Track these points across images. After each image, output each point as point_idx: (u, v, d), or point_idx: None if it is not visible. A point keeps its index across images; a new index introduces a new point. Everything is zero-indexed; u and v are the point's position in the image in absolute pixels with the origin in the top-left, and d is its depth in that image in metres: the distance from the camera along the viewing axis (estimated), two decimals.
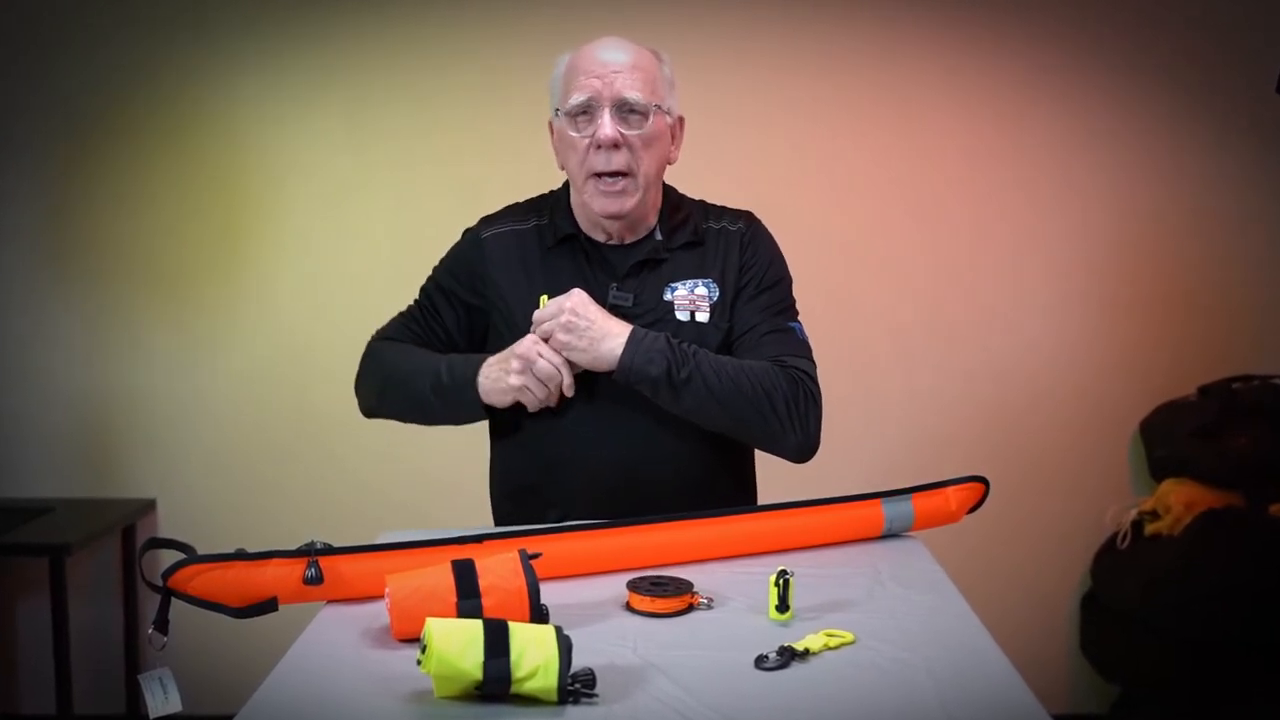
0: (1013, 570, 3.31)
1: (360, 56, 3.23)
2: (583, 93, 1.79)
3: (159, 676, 1.39)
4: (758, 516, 1.72)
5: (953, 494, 1.80)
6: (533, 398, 1.76)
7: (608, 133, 1.77)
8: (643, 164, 1.81)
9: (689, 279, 1.87)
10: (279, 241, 3.27)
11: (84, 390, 3.30)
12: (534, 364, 1.74)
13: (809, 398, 1.80)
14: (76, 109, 3.23)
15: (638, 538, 1.64)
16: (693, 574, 1.57)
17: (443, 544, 1.53)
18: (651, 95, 1.80)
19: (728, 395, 1.74)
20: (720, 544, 1.68)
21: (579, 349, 1.74)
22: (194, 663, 2.57)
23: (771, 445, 1.83)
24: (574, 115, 1.80)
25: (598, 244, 1.88)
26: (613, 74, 1.79)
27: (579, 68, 1.81)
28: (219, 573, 1.41)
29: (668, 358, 1.73)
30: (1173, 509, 3.05)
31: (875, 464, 3.25)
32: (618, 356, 1.73)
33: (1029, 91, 3.26)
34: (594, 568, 1.61)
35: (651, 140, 1.81)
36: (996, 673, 1.29)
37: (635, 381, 1.74)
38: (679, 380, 1.73)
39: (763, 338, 1.85)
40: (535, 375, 1.74)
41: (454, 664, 1.18)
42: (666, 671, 1.27)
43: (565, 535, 1.62)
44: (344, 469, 3.27)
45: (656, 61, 1.85)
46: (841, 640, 1.35)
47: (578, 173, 1.83)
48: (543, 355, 1.74)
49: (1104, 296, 3.32)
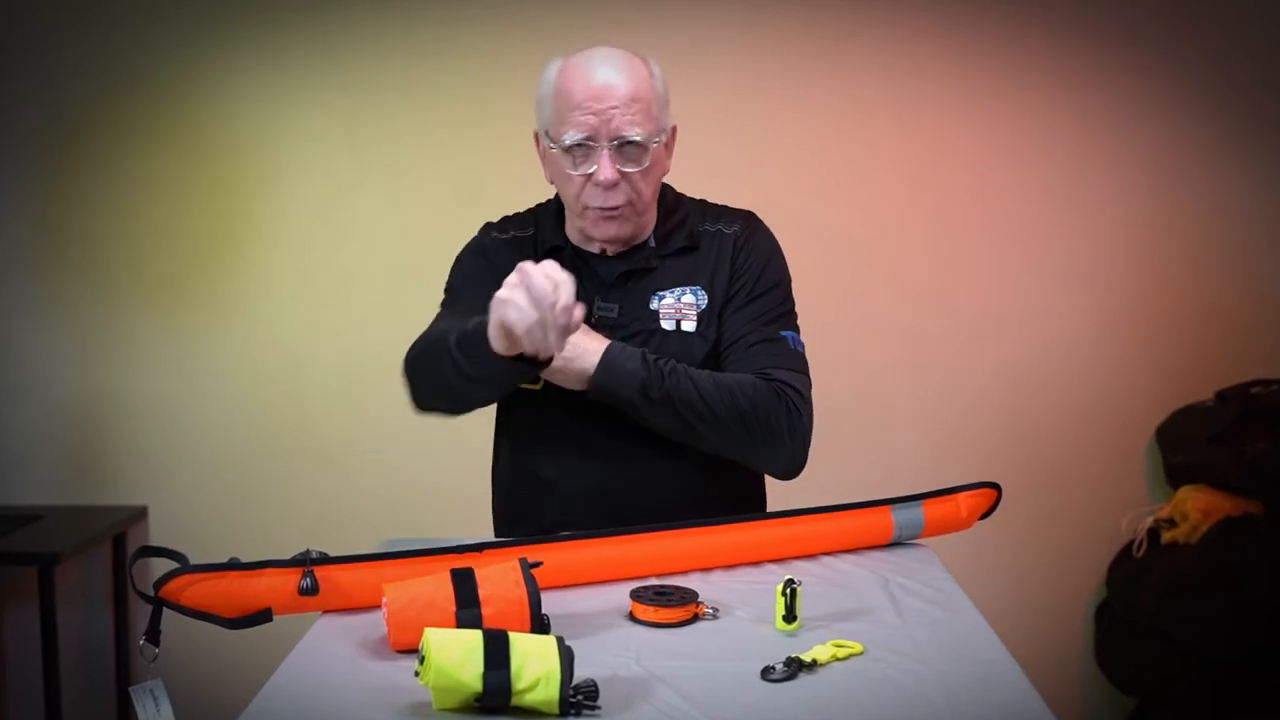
0: (1025, 579, 3.31)
1: (358, 54, 3.23)
2: (579, 130, 1.73)
3: (151, 689, 1.39)
4: (764, 524, 1.72)
5: (964, 500, 1.80)
6: (517, 315, 1.49)
7: (608, 175, 1.74)
8: (642, 194, 1.79)
9: (676, 287, 1.85)
10: (274, 242, 3.27)
11: (73, 394, 3.30)
12: (530, 277, 1.49)
13: (793, 413, 1.76)
14: (65, 106, 3.23)
15: (641, 546, 1.64)
16: (697, 583, 1.58)
17: (442, 553, 1.53)
18: (651, 128, 1.76)
19: (705, 415, 1.72)
20: (726, 552, 1.68)
21: (555, 369, 1.68)
22: (187, 675, 2.59)
23: (754, 463, 1.82)
24: (569, 150, 1.76)
25: (586, 255, 1.87)
26: (610, 109, 1.73)
27: (572, 98, 1.74)
28: (212, 582, 1.41)
29: (641, 377, 1.70)
30: (1190, 516, 3.05)
31: (885, 470, 3.25)
32: (589, 376, 1.71)
33: (1044, 90, 3.26)
34: (596, 577, 1.61)
35: (649, 170, 1.79)
36: (1009, 684, 1.29)
37: (609, 401, 1.72)
38: (655, 399, 1.70)
39: (751, 348, 1.81)
40: (529, 291, 1.49)
41: (453, 675, 1.18)
42: (671, 683, 1.27)
43: (567, 544, 1.62)
44: (341, 476, 3.27)
45: (650, 79, 1.79)
46: (850, 651, 1.35)
47: (573, 203, 1.81)
48: (546, 274, 1.50)
49: (1119, 299, 3.32)
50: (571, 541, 1.63)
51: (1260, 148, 3.27)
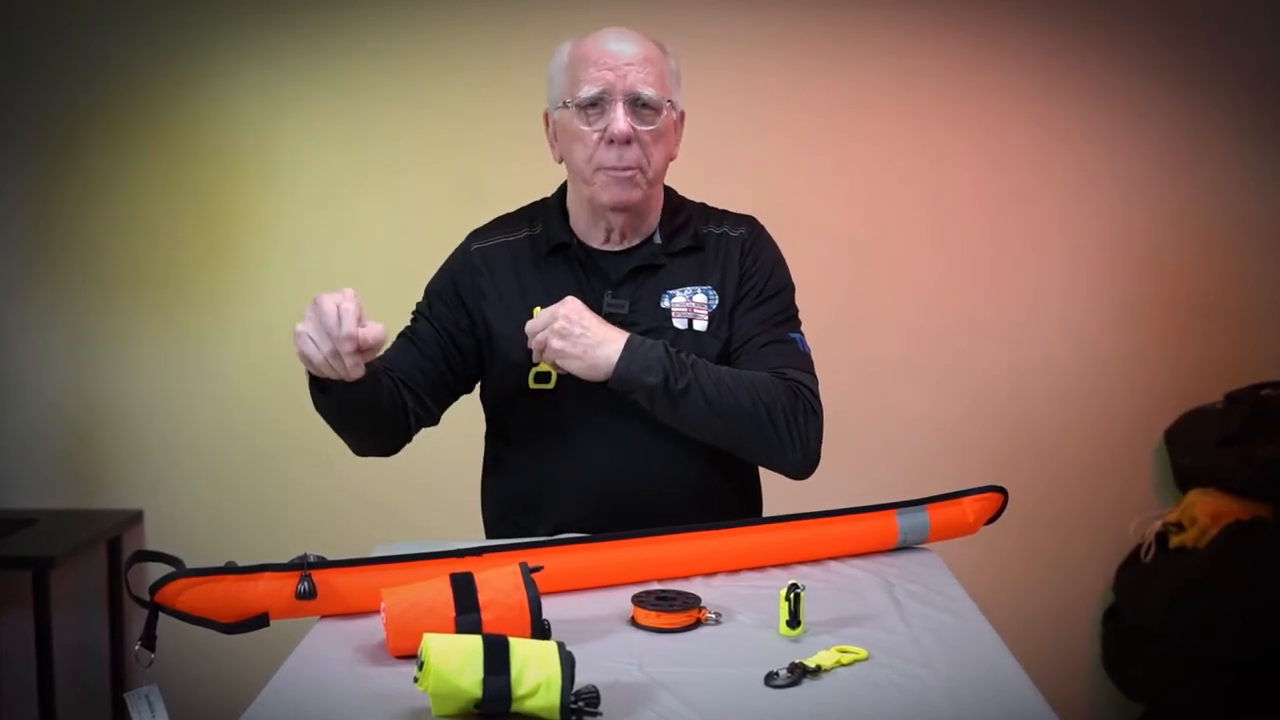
0: (1032, 584, 3.31)
1: (357, 53, 3.24)
2: (594, 85, 1.78)
3: (146, 694, 1.39)
4: (768, 528, 1.72)
5: (970, 505, 1.80)
6: (312, 348, 1.53)
7: (621, 127, 1.77)
8: (653, 160, 1.82)
9: (687, 286, 1.87)
10: (272, 243, 3.27)
11: (68, 396, 3.30)
12: (319, 305, 1.52)
13: (810, 412, 1.79)
14: (60, 106, 3.23)
15: (643, 550, 1.64)
16: (700, 588, 1.58)
17: (441, 557, 1.53)
18: (663, 90, 1.80)
19: (726, 407, 1.73)
20: (729, 556, 1.68)
21: (574, 356, 1.71)
22: (183, 680, 2.58)
23: (769, 461, 1.83)
24: (583, 108, 1.79)
25: (592, 251, 1.88)
26: (625, 66, 1.78)
27: (587, 58, 1.80)
28: (208, 587, 1.41)
29: (665, 366, 1.71)
30: (1199, 520, 3.05)
31: (889, 473, 3.25)
32: (614, 364, 1.71)
33: (1051, 89, 3.26)
34: (598, 581, 1.61)
35: (661, 136, 1.82)
36: (1015, 691, 1.29)
37: (631, 390, 1.73)
38: (676, 390, 1.71)
39: (762, 348, 1.84)
40: (317, 318, 1.52)
41: (452, 681, 1.18)
42: (673, 689, 1.27)
43: (568, 548, 1.62)
44: (339, 479, 3.26)
45: (663, 55, 1.85)
46: (855, 657, 1.35)
47: (584, 166, 1.82)
48: (336, 303, 1.51)
49: (1127, 299, 3.32)
50: (573, 545, 1.63)
51: (1270, 147, 3.28)
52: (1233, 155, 3.28)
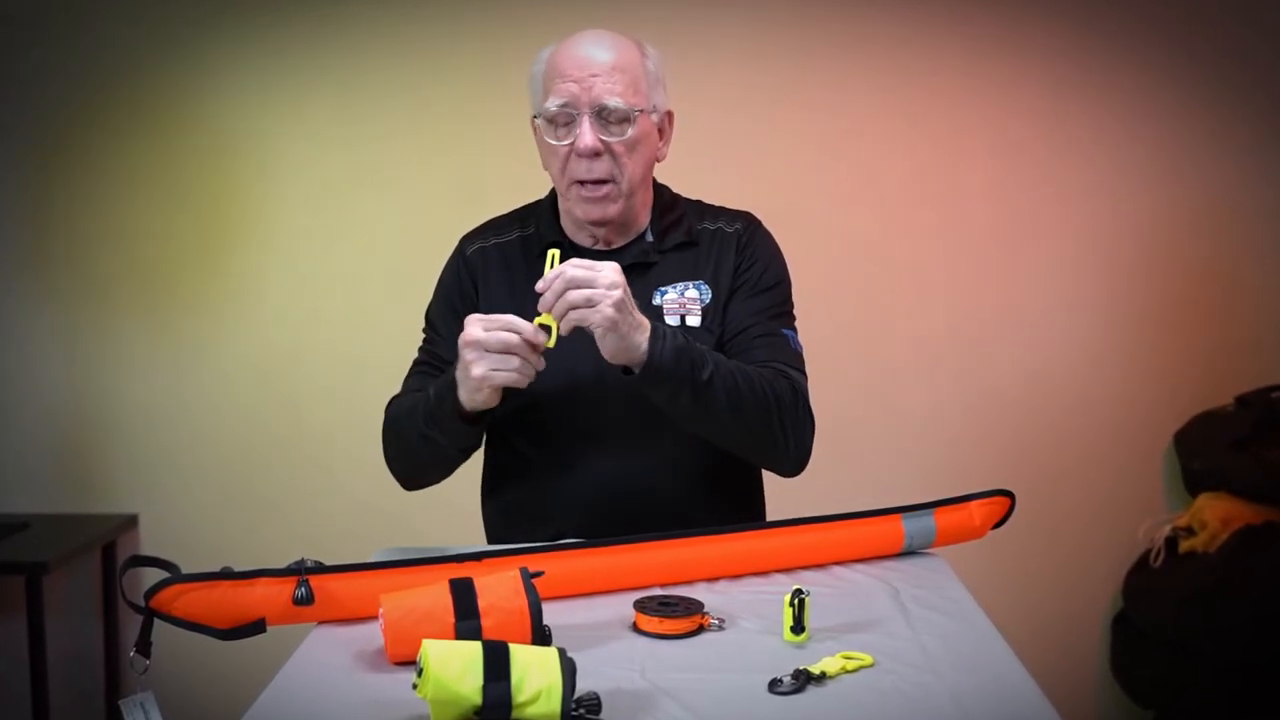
0: (1040, 589, 3.30)
1: (355, 52, 3.24)
2: (559, 97, 1.77)
3: (141, 701, 1.39)
4: (772, 533, 1.71)
5: (977, 509, 1.80)
6: (509, 375, 1.61)
7: (587, 142, 1.76)
8: (627, 170, 1.80)
9: (679, 281, 1.87)
10: (268, 244, 3.27)
11: (62, 399, 3.30)
12: (483, 343, 1.61)
13: (803, 408, 1.80)
14: (54, 104, 3.23)
15: (645, 555, 1.63)
16: (703, 593, 1.57)
17: (440, 562, 1.53)
18: (634, 98, 1.78)
19: (742, 400, 1.71)
20: (732, 561, 1.68)
21: (619, 333, 1.61)
22: (178, 687, 2.58)
23: (768, 457, 1.82)
24: (552, 120, 1.79)
25: (583, 251, 1.87)
26: (591, 77, 1.76)
27: (556, 68, 1.79)
28: (204, 592, 1.41)
29: (690, 354, 1.68)
30: (1209, 525, 3.05)
31: (895, 477, 3.24)
32: (644, 350, 1.65)
33: (1059, 89, 3.26)
34: (599, 586, 1.61)
35: (635, 144, 1.80)
36: (1023, 697, 1.29)
37: (657, 380, 1.66)
38: (700, 381, 1.67)
39: (755, 340, 1.83)
40: (493, 353, 1.60)
41: (452, 688, 1.18)
42: (676, 696, 1.27)
43: (569, 553, 1.62)
44: (336, 483, 3.26)
45: (640, 56, 1.82)
46: (860, 663, 1.35)
47: (560, 179, 1.83)
48: (486, 329, 1.61)
49: (1136, 302, 3.32)
50: (574, 550, 1.63)
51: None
52: (1247, 156, 3.27)
